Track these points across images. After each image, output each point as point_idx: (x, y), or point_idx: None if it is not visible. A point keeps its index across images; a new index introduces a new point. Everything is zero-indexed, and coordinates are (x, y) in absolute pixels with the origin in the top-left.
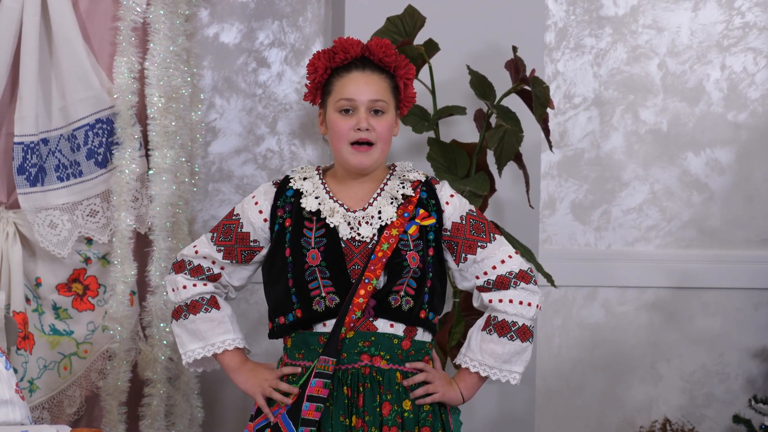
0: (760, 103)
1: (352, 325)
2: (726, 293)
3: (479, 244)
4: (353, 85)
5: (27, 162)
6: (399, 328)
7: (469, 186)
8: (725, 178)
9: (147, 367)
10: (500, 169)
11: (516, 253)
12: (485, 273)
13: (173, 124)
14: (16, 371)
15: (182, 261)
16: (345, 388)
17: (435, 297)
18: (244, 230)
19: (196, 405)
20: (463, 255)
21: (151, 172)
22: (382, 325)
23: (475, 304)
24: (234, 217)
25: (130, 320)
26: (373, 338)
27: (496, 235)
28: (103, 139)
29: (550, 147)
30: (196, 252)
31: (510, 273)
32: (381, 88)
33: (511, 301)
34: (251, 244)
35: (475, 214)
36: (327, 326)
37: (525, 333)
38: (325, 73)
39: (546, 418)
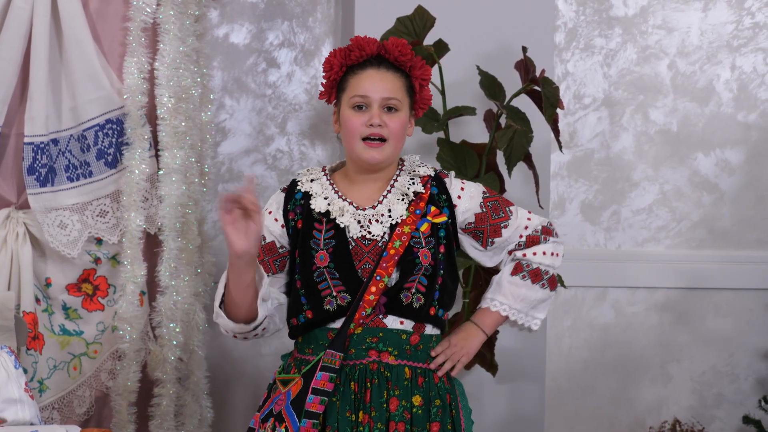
0: None
1: (361, 321)
2: (736, 294)
3: (502, 225)
4: (368, 82)
5: (37, 162)
6: (408, 325)
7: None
8: (735, 179)
9: (156, 368)
10: (510, 170)
11: (530, 212)
12: (517, 244)
13: (183, 124)
14: (26, 371)
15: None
16: (352, 383)
17: (445, 294)
18: (267, 241)
19: (206, 405)
20: (490, 240)
21: (160, 172)
22: (391, 322)
23: (504, 267)
24: None
25: (140, 320)
26: (381, 334)
27: (511, 207)
28: (113, 140)
29: (560, 147)
30: None
31: (536, 231)
32: (395, 87)
33: (544, 253)
34: (279, 250)
35: (488, 194)
36: (338, 323)
37: (553, 282)
38: (341, 71)
39: (556, 418)
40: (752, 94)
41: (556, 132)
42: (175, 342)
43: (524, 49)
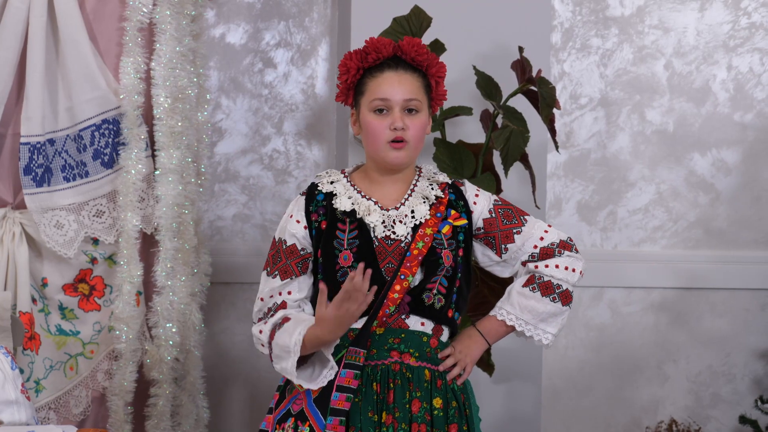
0: (766, 104)
1: (384, 319)
2: (733, 294)
3: (514, 231)
4: (387, 85)
5: (33, 162)
6: (428, 327)
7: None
8: (732, 179)
9: (153, 368)
10: (506, 170)
11: (549, 226)
12: (530, 255)
13: (179, 124)
14: (22, 371)
15: (257, 318)
16: (374, 384)
17: (461, 297)
18: (289, 245)
19: (202, 405)
20: (503, 246)
21: (157, 172)
22: (413, 323)
23: (517, 277)
24: (276, 243)
25: (137, 321)
26: (403, 335)
27: (526, 216)
28: (110, 140)
29: (557, 147)
30: (262, 299)
31: (552, 244)
32: (414, 87)
33: (557, 266)
34: (301, 252)
35: (500, 202)
36: (359, 323)
37: (567, 297)
38: (358, 74)
39: (552, 418)
40: (748, 94)
41: (553, 132)
42: (171, 342)
43: (521, 49)
